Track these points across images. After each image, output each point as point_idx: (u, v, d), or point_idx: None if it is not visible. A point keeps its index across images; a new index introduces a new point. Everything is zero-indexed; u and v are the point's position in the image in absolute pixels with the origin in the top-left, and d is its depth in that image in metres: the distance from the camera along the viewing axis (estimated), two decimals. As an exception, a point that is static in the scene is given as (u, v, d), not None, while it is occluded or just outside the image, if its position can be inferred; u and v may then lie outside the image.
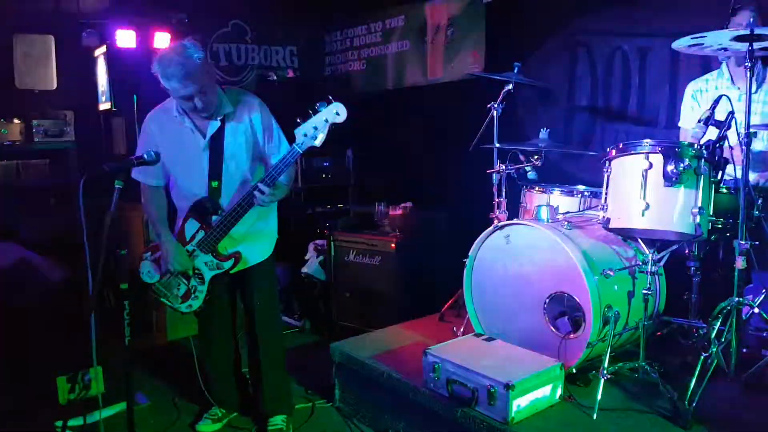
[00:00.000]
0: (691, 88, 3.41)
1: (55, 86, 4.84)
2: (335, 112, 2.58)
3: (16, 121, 4.67)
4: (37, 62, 4.79)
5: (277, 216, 3.18)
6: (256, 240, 3.04)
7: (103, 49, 4.89)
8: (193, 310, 3.01)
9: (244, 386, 3.39)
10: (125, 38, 4.79)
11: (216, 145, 2.88)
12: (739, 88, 3.16)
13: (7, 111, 4.69)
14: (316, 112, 2.60)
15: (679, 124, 3.49)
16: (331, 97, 2.58)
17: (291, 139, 2.79)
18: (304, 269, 4.82)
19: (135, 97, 4.75)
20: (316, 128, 2.58)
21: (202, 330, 3.28)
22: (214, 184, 2.89)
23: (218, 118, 2.85)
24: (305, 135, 2.61)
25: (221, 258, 2.93)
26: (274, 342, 3.22)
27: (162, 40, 4.86)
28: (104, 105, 5.04)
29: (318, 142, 2.60)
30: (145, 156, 2.49)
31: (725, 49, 2.73)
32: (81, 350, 2.56)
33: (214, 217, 2.89)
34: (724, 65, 3.30)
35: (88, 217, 2.41)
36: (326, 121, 2.59)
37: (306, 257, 4.88)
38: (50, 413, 2.98)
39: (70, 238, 4.25)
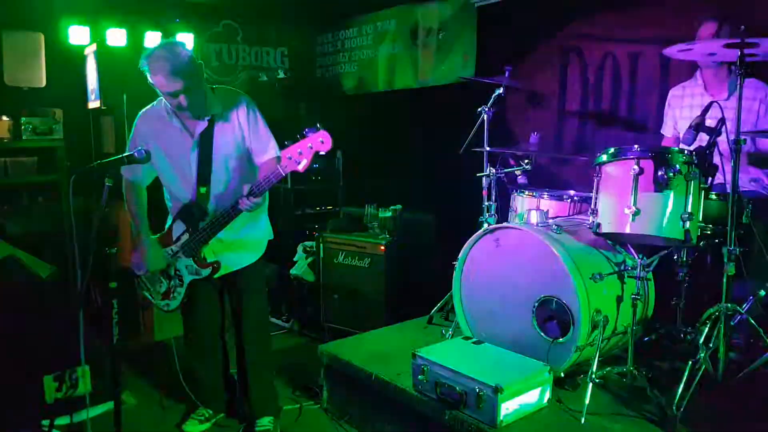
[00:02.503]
0: (669, 95, 3.47)
1: (44, 84, 4.81)
2: (320, 140, 2.53)
3: (4, 118, 4.62)
4: (26, 59, 4.75)
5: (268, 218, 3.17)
6: (244, 245, 3.03)
7: (93, 47, 4.87)
8: (170, 310, 3.05)
9: (232, 387, 3.38)
10: (115, 37, 4.77)
11: (205, 145, 2.87)
12: (712, 95, 3.21)
13: (-5, 108, 4.65)
14: (304, 136, 2.55)
15: (662, 131, 3.54)
16: (318, 125, 2.56)
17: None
18: (293, 270, 4.81)
19: (124, 95, 4.72)
20: (300, 153, 2.54)
21: (188, 330, 3.26)
22: (203, 190, 2.88)
23: (206, 118, 2.84)
24: (290, 158, 2.56)
25: (201, 264, 2.92)
26: (262, 344, 3.21)
27: (152, 39, 4.84)
28: (93, 103, 5.01)
29: (301, 168, 2.55)
30: (135, 154, 2.49)
31: (713, 54, 2.77)
32: (68, 349, 2.55)
33: (200, 222, 2.89)
34: (698, 72, 3.34)
35: (77, 215, 2.40)
36: (311, 147, 2.54)
37: (295, 259, 4.88)
38: (37, 412, 2.96)
39: (59, 235, 4.24)
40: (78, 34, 4.79)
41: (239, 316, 3.13)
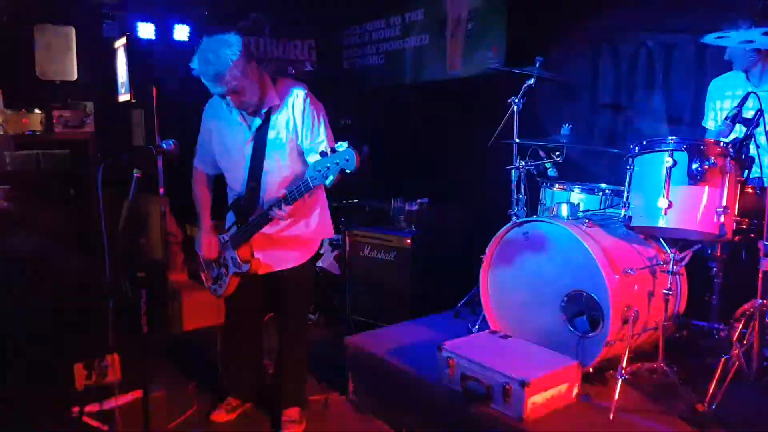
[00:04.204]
0: (711, 87, 3.38)
1: (75, 77, 4.88)
2: (346, 159, 2.45)
3: (37, 111, 4.70)
4: (58, 53, 4.82)
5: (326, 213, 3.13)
6: (293, 244, 2.99)
7: (123, 40, 4.92)
8: (219, 296, 3.10)
9: (261, 378, 3.40)
10: (145, 30, 4.81)
11: (259, 140, 2.84)
12: (755, 86, 3.12)
13: (28, 101, 4.73)
14: (334, 151, 2.48)
15: (703, 124, 3.46)
16: (347, 143, 2.49)
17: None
18: (319, 263, 4.81)
19: (154, 88, 4.77)
20: (328, 168, 2.48)
21: (228, 319, 3.29)
22: (253, 185, 2.87)
23: (262, 113, 2.81)
24: (318, 171, 2.51)
25: (242, 259, 2.93)
26: (300, 339, 3.21)
27: (181, 32, 4.88)
28: (124, 96, 5.08)
29: (328, 183, 2.51)
30: (164, 145, 2.50)
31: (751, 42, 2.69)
32: (98, 337, 2.58)
33: (249, 217, 2.89)
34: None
35: (107, 206, 2.42)
36: (337, 164, 2.47)
37: (321, 251, 4.88)
38: (67, 399, 3.01)
39: (89, 227, 4.30)
40: (108, 28, 4.85)
41: (282, 313, 3.14)
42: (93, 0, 4.95)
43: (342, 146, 2.45)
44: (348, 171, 2.46)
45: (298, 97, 2.82)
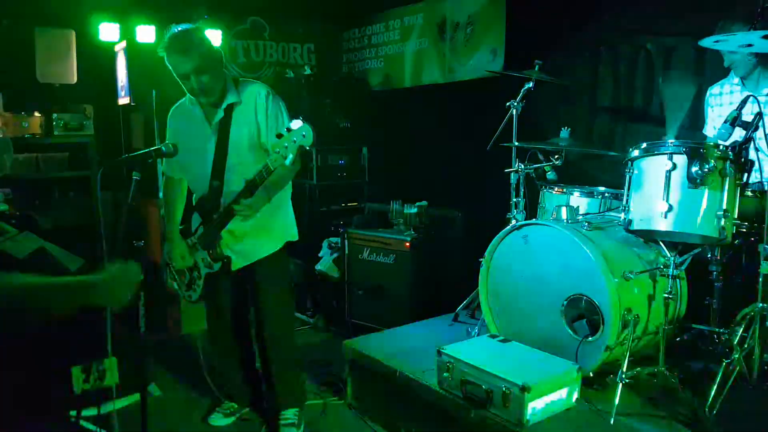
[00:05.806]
0: (707, 94, 3.37)
1: (75, 80, 4.88)
2: (302, 135, 2.45)
3: (36, 114, 4.70)
4: (58, 56, 4.83)
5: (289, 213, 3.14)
6: (257, 236, 2.98)
7: (122, 44, 4.93)
8: (193, 301, 3.09)
9: (256, 381, 3.38)
10: (145, 33, 4.82)
11: (221, 136, 2.85)
12: (751, 92, 3.11)
13: (27, 104, 4.73)
14: (290, 130, 2.47)
15: (704, 131, 3.45)
16: (301, 118, 2.48)
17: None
18: (318, 266, 4.81)
19: (154, 92, 4.77)
20: (286, 147, 2.48)
21: (210, 325, 3.28)
22: (215, 183, 2.88)
23: (222, 107, 2.83)
24: (276, 152, 2.50)
25: (213, 258, 2.92)
26: (285, 338, 3.18)
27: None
28: (123, 100, 5.07)
29: (288, 163, 2.50)
30: (163, 148, 2.49)
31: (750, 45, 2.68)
32: (96, 340, 2.58)
33: (214, 215, 2.89)
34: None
35: (106, 208, 2.42)
36: (294, 142, 2.47)
37: (320, 254, 4.88)
38: (64, 402, 2.99)
39: (88, 229, 4.30)
40: (108, 31, 4.85)
41: (260, 311, 3.11)
42: (93, 3, 4.96)
43: (295, 123, 2.45)
44: (307, 147, 2.48)
45: (260, 95, 2.85)
